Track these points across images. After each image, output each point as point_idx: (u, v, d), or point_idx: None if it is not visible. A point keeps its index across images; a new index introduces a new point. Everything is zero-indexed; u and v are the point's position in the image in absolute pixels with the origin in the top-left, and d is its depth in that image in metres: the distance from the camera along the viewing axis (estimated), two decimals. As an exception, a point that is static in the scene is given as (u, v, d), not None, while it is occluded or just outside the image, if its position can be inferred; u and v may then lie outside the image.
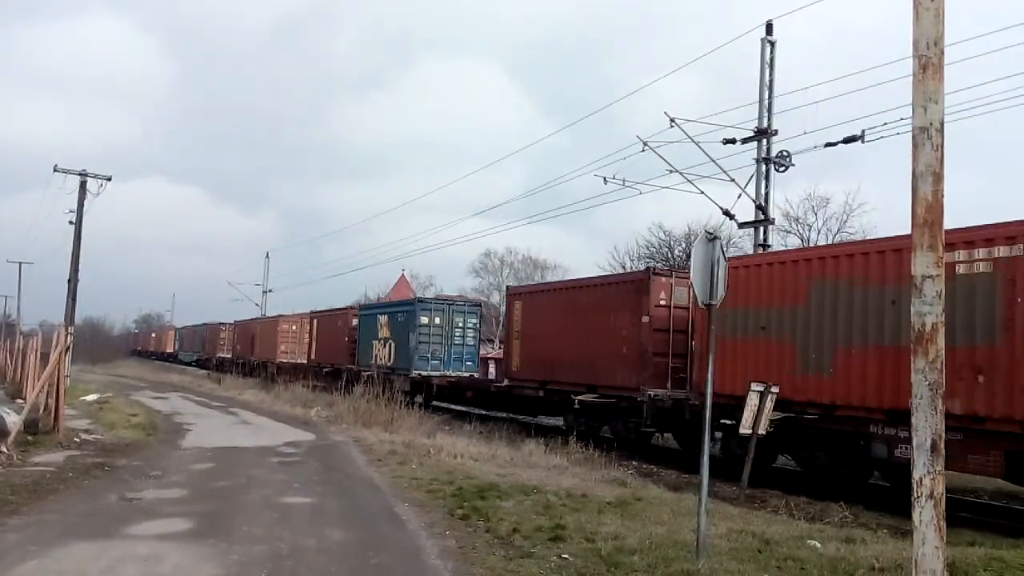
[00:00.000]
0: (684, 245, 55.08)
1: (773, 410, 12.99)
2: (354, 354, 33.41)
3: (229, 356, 54.01)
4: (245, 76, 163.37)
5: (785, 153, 20.72)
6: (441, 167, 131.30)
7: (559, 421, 22.54)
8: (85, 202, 27.80)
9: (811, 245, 37.62)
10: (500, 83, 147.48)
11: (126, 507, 8.97)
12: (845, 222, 42.39)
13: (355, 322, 34.04)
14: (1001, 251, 10.50)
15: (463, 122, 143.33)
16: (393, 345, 29.64)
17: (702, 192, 19.47)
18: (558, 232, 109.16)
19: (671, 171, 18.92)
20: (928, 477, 3.57)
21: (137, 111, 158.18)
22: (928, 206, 3.80)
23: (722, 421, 14.68)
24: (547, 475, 12.46)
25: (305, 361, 39.59)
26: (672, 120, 17.71)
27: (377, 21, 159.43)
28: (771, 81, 21.08)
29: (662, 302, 17.41)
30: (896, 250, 11.79)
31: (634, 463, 17.52)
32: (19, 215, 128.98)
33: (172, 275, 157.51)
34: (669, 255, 56.25)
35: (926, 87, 3.85)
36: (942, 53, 3.89)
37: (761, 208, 20.52)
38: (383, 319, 30.94)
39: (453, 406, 27.83)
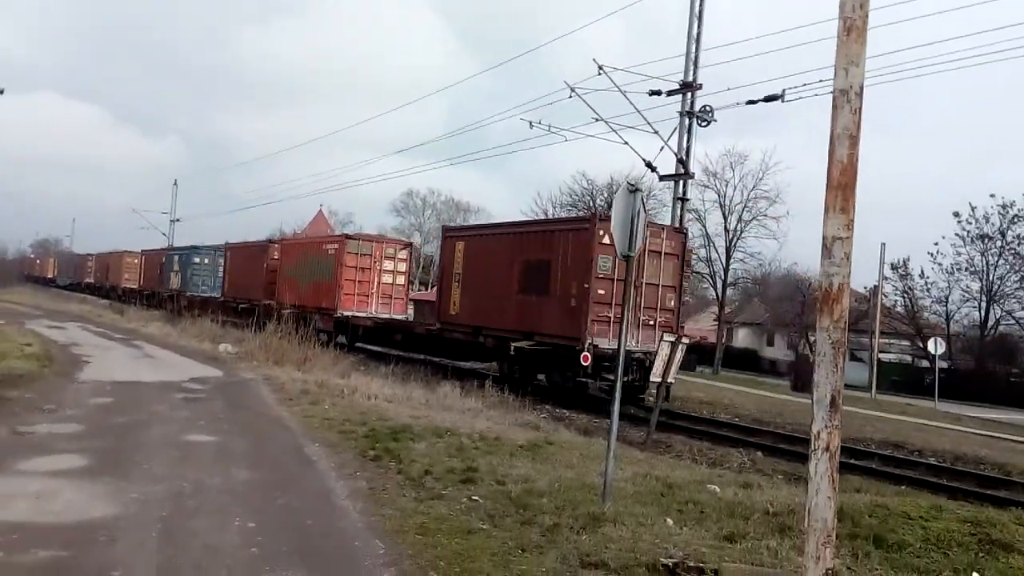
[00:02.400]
0: (606, 195, 55.64)
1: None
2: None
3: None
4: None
5: (708, 108, 21.00)
6: (359, 101, 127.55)
7: (486, 367, 22.59)
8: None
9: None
10: (421, 14, 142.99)
11: (17, 441, 8.53)
12: (760, 179, 43.60)
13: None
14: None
15: (383, 54, 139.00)
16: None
17: (625, 143, 19.57)
18: (478, 176, 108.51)
19: (597, 119, 18.92)
20: (825, 431, 3.71)
21: (20, 16, 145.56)
22: (843, 168, 3.85)
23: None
24: (461, 418, 12.54)
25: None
26: (600, 67, 17.59)
27: None
28: (699, 34, 21.19)
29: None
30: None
31: (547, 407, 17.87)
32: None
33: (72, 198, 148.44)
34: (591, 203, 56.71)
35: (849, 49, 3.87)
36: (867, 16, 3.90)
37: (682, 162, 20.82)
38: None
39: (378, 348, 27.15)
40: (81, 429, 9.54)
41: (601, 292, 16.88)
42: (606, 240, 15.91)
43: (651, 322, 17.53)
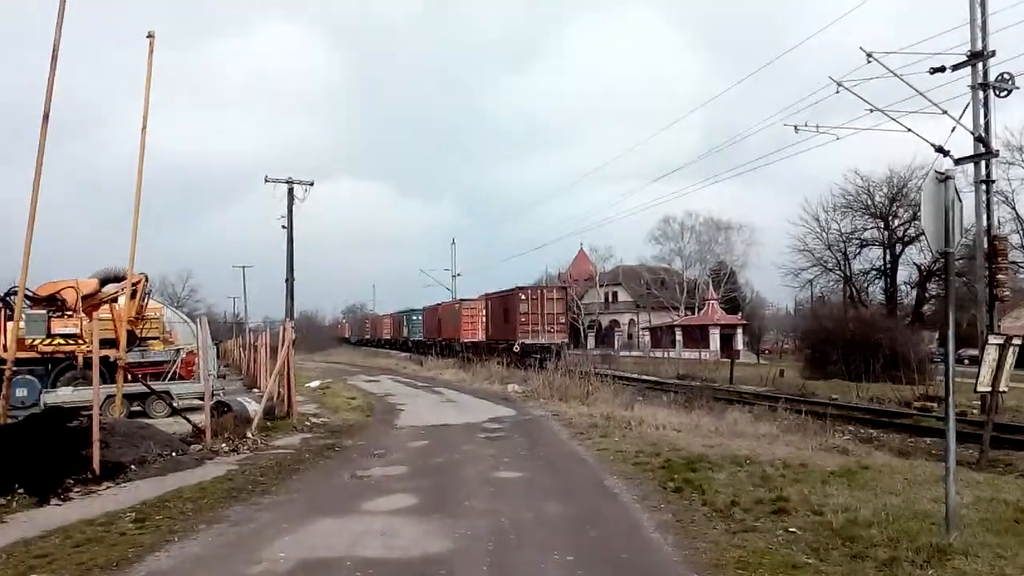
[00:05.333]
0: (885, 190, 50.57)
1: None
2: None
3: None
4: (402, 66, 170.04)
5: (1007, 75, 18.22)
6: (615, 133, 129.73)
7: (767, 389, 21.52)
8: (293, 207, 30.28)
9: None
10: (661, 34, 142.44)
11: (358, 484, 9.73)
12: (1082, 145, 36.74)
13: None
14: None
15: (631, 83, 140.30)
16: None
17: (909, 130, 17.63)
18: (739, 190, 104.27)
19: (872, 110, 17.28)
20: None
21: (316, 113, 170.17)
22: None
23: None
24: (758, 444, 11.98)
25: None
26: (869, 55, 16.12)
27: None
28: (983, -4, 18.60)
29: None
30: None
31: (850, 428, 16.47)
32: (228, 223, 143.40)
33: (373, 266, 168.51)
34: (869, 202, 51.91)
35: None
36: None
37: (982, 140, 18.23)
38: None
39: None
40: (407, 471, 10.63)
41: (524, 321, 36.35)
42: (523, 297, 37.33)
43: (550, 330, 36.83)
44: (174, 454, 11.56)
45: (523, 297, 37.40)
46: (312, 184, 30.47)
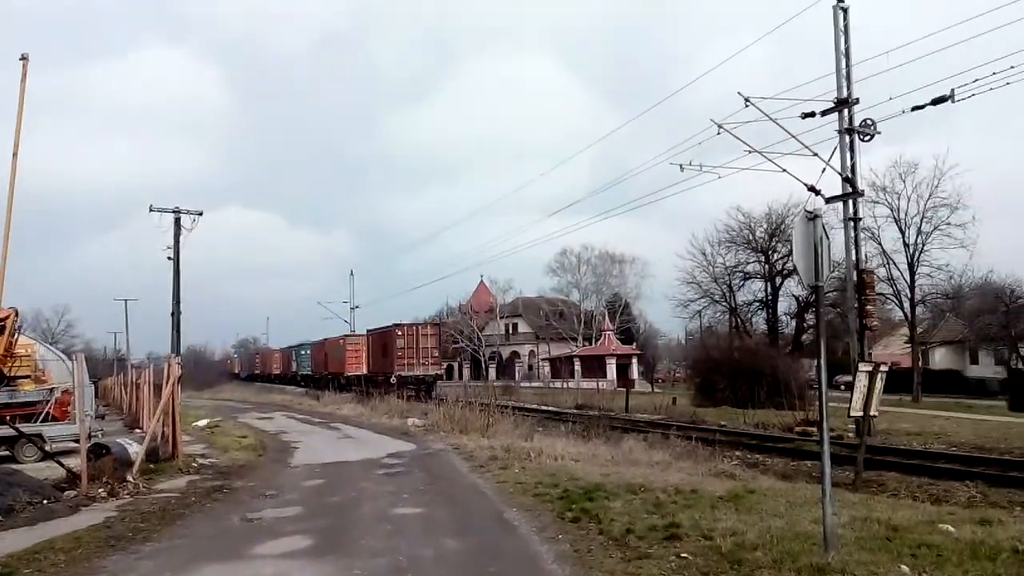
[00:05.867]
0: (765, 226, 53.57)
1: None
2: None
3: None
4: (297, 96, 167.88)
5: (869, 121, 19.85)
6: (508, 168, 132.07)
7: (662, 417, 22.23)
8: (180, 237, 29.06)
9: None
10: (554, 74, 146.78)
11: (248, 527, 9.32)
12: (936, 186, 40.21)
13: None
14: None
15: (522, 119, 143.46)
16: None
17: (784, 170, 18.79)
18: (631, 225, 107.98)
19: (749, 151, 18.34)
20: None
21: (203, 140, 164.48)
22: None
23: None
24: (652, 472, 12.31)
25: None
26: (747, 100, 17.16)
27: (418, 24, 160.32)
28: (847, 48, 20.27)
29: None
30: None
31: (737, 454, 17.16)
32: (111, 252, 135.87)
33: (265, 298, 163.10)
34: (750, 236, 54.84)
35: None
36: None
37: (848, 180, 19.71)
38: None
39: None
40: (301, 511, 10.28)
41: (401, 355, 40.12)
42: (399, 333, 40.87)
43: (424, 362, 40.82)
44: (46, 501, 10.75)
45: (399, 333, 41.13)
46: (201, 214, 29.46)
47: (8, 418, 15.31)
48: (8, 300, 14.75)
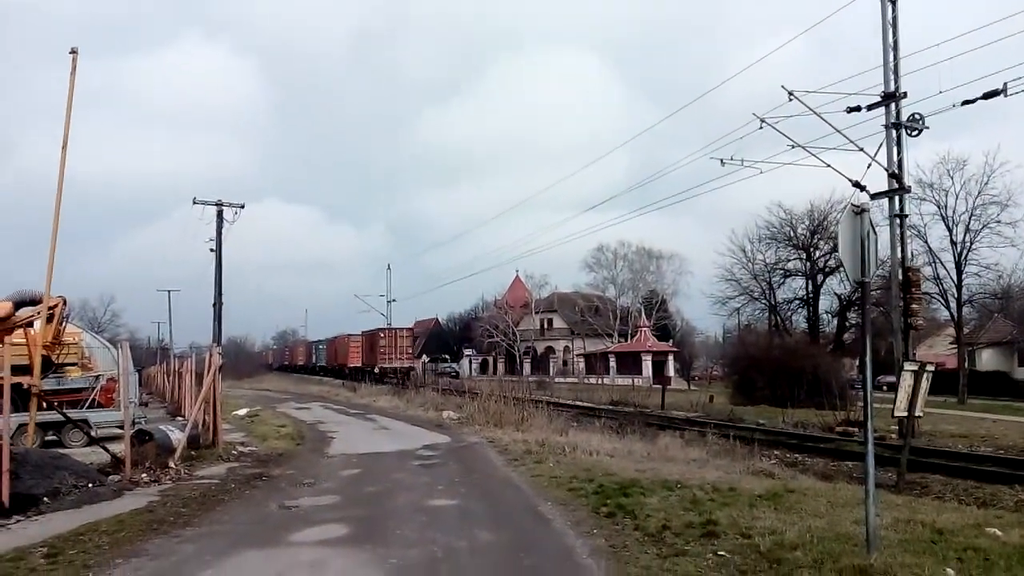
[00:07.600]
0: (807, 222, 52.58)
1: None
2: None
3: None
4: (334, 95, 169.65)
5: (917, 116, 19.32)
6: (543, 165, 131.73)
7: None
8: (223, 229, 29.59)
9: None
10: (593, 70, 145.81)
11: (286, 515, 9.45)
12: (986, 183, 38.90)
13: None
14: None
15: (562, 115, 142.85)
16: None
17: (828, 165, 18.42)
18: (667, 221, 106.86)
19: (793, 146, 17.99)
20: None
21: (242, 135, 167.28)
22: None
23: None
24: (688, 469, 12.17)
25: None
26: (790, 94, 16.81)
27: (455, 22, 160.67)
28: (895, 41, 19.75)
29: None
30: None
31: (776, 452, 16.91)
32: (155, 244, 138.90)
33: (305, 291, 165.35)
34: (792, 234, 53.88)
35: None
36: None
37: (895, 176, 19.23)
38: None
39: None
40: (338, 500, 10.40)
41: (383, 351, 51.58)
42: (382, 335, 53.14)
43: (400, 357, 51.56)
44: (91, 485, 11.01)
45: (382, 335, 53.51)
46: (243, 206, 30.06)
47: (56, 404, 15.72)
48: (56, 289, 15.10)
